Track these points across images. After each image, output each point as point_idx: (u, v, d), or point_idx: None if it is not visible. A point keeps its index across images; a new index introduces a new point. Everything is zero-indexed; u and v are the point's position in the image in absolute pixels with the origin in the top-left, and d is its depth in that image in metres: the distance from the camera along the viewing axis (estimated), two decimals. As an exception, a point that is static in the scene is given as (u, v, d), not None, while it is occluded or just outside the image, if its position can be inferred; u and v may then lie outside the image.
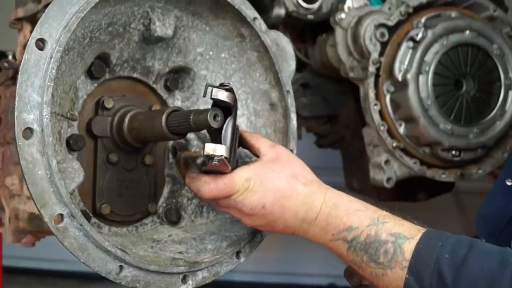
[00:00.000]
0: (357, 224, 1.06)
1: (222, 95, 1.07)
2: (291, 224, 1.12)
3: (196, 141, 1.38)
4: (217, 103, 1.08)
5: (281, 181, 1.11)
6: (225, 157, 1.05)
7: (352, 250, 1.06)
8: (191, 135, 1.37)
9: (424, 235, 1.02)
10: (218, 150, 1.05)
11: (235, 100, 1.10)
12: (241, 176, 1.10)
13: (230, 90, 1.08)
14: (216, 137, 1.09)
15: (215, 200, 1.14)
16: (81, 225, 1.03)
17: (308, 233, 1.12)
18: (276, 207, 1.11)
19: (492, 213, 1.31)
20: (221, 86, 1.08)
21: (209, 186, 1.11)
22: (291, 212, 1.11)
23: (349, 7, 1.87)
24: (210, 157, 1.05)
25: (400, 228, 1.04)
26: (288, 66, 1.40)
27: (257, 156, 1.18)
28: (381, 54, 1.80)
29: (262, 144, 1.18)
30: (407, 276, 0.99)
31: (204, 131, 1.28)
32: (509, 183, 1.33)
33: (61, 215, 1.01)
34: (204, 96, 1.07)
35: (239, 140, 1.18)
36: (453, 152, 1.83)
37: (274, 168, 1.12)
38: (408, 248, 1.01)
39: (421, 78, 1.76)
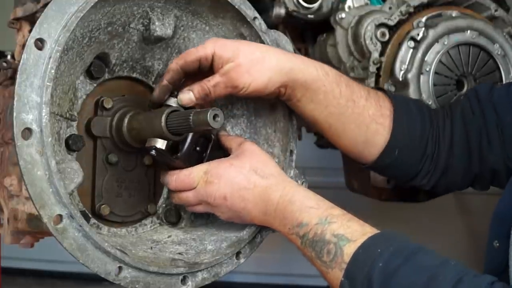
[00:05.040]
0: (307, 221, 1.11)
1: (171, 101, 1.21)
2: (256, 216, 1.18)
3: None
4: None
5: (238, 174, 1.17)
6: (160, 149, 1.16)
7: (304, 245, 1.11)
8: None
9: (367, 239, 1.04)
10: (155, 142, 1.16)
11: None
12: (199, 169, 1.19)
13: (176, 96, 1.22)
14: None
15: (183, 197, 1.21)
16: (80, 225, 1.02)
17: (273, 226, 1.18)
18: (237, 199, 1.17)
19: (508, 212, 1.24)
20: (171, 95, 1.23)
21: (172, 177, 1.21)
22: (251, 204, 1.16)
23: (349, 7, 1.87)
24: (149, 149, 1.17)
25: (344, 230, 1.07)
26: (288, 66, 1.39)
27: None
28: (381, 54, 1.79)
29: (233, 143, 1.25)
30: (342, 279, 1.03)
31: None
32: None
33: (60, 216, 1.01)
34: None
35: (219, 144, 1.28)
36: (455, 152, 1.82)
37: (233, 162, 1.19)
38: (348, 251, 1.04)
39: (422, 78, 1.75)
